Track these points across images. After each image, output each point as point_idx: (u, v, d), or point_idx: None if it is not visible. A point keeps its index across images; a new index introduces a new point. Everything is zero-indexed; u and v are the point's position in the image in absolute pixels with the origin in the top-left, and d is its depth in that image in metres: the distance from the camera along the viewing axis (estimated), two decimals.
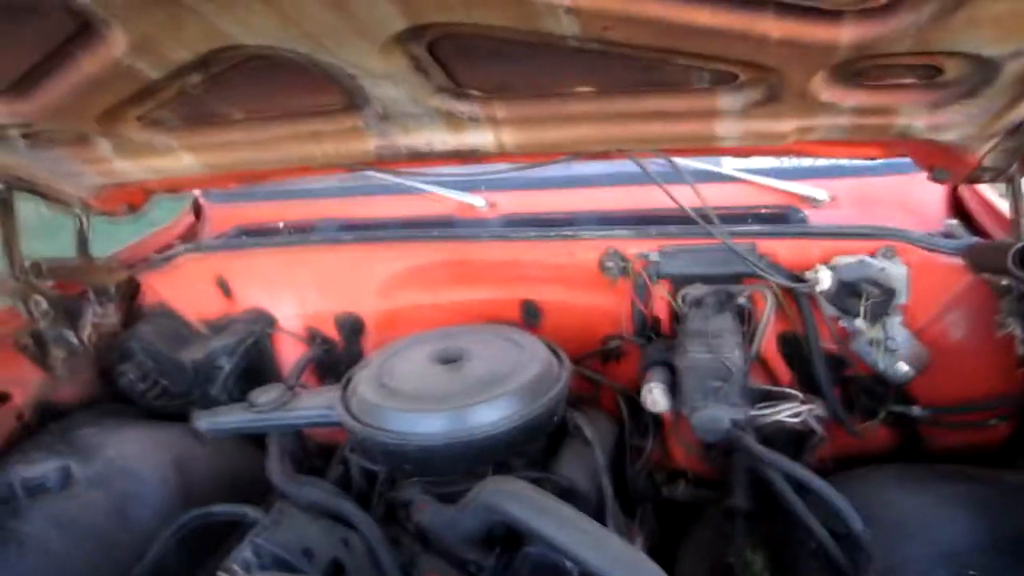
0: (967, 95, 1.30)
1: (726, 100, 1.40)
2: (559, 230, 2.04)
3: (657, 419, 1.98)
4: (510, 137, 1.61)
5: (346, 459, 1.86)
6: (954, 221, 1.86)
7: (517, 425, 1.52)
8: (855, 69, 1.26)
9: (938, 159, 1.56)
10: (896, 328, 1.75)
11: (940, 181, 1.61)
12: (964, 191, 1.98)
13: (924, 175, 1.94)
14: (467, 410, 1.51)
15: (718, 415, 1.48)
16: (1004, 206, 1.88)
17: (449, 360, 1.72)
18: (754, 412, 1.50)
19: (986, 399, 1.81)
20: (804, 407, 1.53)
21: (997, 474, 1.62)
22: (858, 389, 1.87)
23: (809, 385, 1.90)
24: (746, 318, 1.81)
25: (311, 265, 2.26)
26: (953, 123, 1.39)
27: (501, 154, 1.66)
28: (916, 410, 1.80)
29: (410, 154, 1.68)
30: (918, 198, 1.99)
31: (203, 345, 2.25)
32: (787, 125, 1.46)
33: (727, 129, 1.49)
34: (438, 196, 2.26)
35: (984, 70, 1.20)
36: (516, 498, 1.32)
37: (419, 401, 1.57)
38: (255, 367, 2.32)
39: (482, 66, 1.39)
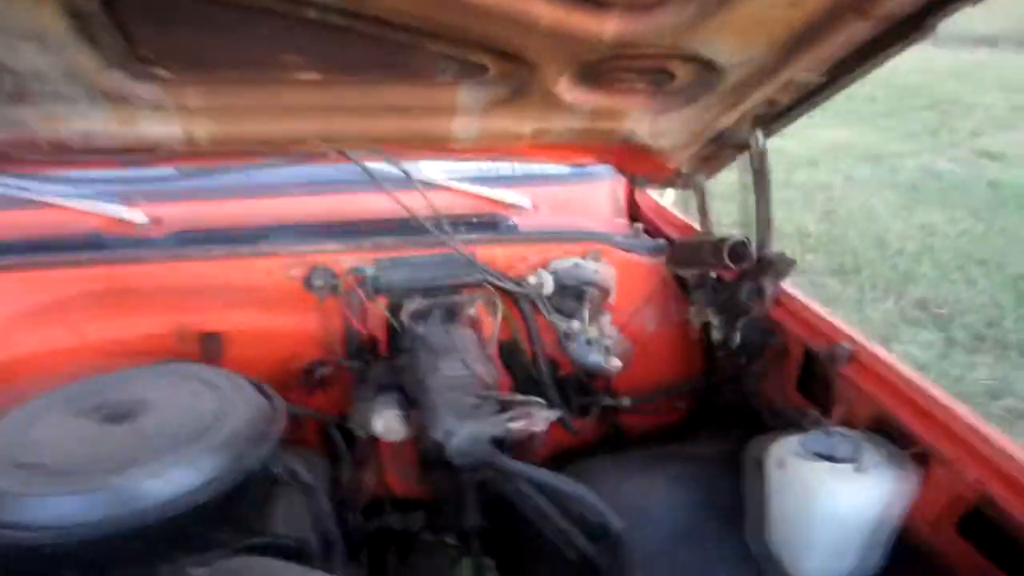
0: (688, 102, 1.38)
1: (468, 95, 1.29)
2: (253, 246, 1.72)
3: (372, 448, 1.79)
4: (205, 129, 1.27)
5: None
6: (639, 225, 2.01)
7: (227, 488, 1.20)
8: (599, 70, 1.24)
9: (643, 166, 1.65)
10: (608, 326, 1.82)
11: (640, 186, 1.71)
12: (640, 199, 2.16)
13: (609, 183, 2.09)
14: (153, 478, 1.14)
15: (479, 435, 1.36)
16: (674, 212, 2.10)
17: (117, 417, 1.30)
18: (511, 426, 1.41)
19: (672, 383, 1.99)
20: (553, 413, 1.49)
21: (691, 450, 1.79)
22: (572, 388, 1.91)
23: (526, 389, 1.90)
24: (477, 330, 1.72)
25: None
26: (669, 130, 1.46)
27: (191, 152, 1.32)
28: (625, 401, 1.90)
29: (53, 148, 1.23)
30: (604, 205, 2.11)
31: None
32: (526, 126, 1.40)
33: (464, 127, 1.38)
34: (76, 210, 1.75)
35: (709, 77, 1.27)
36: None
37: (77, 477, 1.14)
38: None
39: (178, 36, 1.06)
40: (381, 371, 1.69)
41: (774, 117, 1.43)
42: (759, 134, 1.47)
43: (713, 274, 1.74)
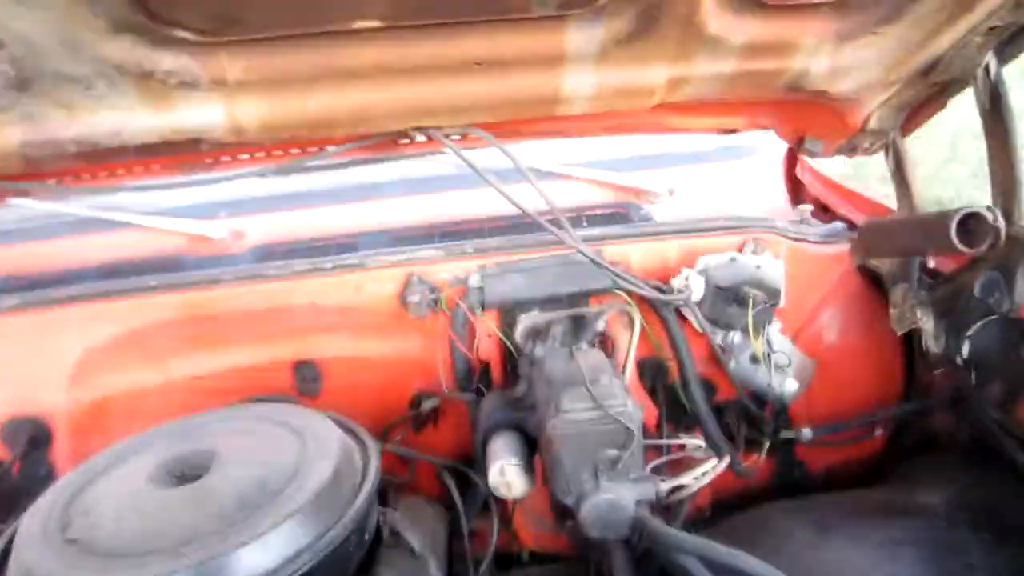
0: (884, 21, 0.98)
1: (579, 34, 0.96)
2: (338, 258, 1.47)
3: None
4: (251, 110, 1.02)
5: None
6: (807, 207, 1.60)
7: (312, 565, 0.94)
8: None
9: (815, 123, 1.25)
10: (778, 338, 1.42)
11: (807, 155, 1.32)
12: (805, 175, 1.73)
13: (764, 158, 1.69)
14: (223, 560, 0.90)
15: (620, 500, 1.01)
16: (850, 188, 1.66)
17: (187, 476, 1.08)
18: (665, 484, 1.05)
19: (865, 407, 1.55)
20: (718, 463, 1.13)
21: (906, 499, 1.34)
22: (735, 417, 1.51)
23: (676, 420, 1.53)
24: (609, 349, 1.38)
25: None
26: (856, 65, 1.07)
27: (239, 142, 1.07)
28: (806, 432, 1.48)
29: (81, 149, 1.01)
30: (759, 185, 1.71)
31: None
32: (656, 75, 1.05)
33: (576, 82, 1.05)
34: (154, 228, 1.57)
35: None
36: None
37: (136, 560, 0.92)
38: None
39: None
40: (496, 405, 1.37)
41: (1014, 34, 1.01)
42: (990, 60, 1.04)
43: (922, 264, 1.30)
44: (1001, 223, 1.02)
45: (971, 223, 1.05)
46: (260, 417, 1.24)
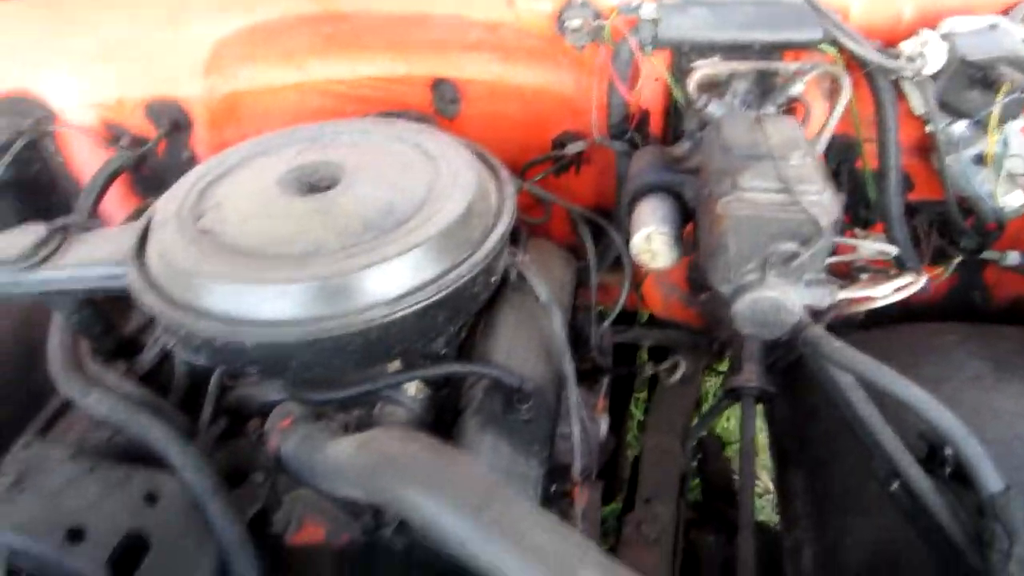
0: None
1: None
2: None
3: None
4: None
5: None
6: None
7: (434, 301, 0.89)
8: None
9: None
10: (1018, 140, 1.13)
11: None
12: None
13: None
14: (346, 280, 0.86)
15: (786, 303, 0.86)
16: None
17: (316, 186, 1.02)
18: (844, 294, 0.89)
19: None
20: (915, 280, 0.94)
21: None
22: (928, 223, 1.28)
23: (853, 212, 1.33)
24: (799, 119, 1.14)
25: (94, 22, 1.41)
26: None
27: None
28: (1013, 257, 1.24)
29: None
30: None
31: None
32: None
33: None
34: None
35: None
36: (420, 505, 0.69)
37: (263, 263, 0.90)
38: (36, 183, 1.52)
39: None
40: (652, 161, 1.20)
41: None
42: None
43: None
44: None
45: None
46: (394, 136, 1.14)
